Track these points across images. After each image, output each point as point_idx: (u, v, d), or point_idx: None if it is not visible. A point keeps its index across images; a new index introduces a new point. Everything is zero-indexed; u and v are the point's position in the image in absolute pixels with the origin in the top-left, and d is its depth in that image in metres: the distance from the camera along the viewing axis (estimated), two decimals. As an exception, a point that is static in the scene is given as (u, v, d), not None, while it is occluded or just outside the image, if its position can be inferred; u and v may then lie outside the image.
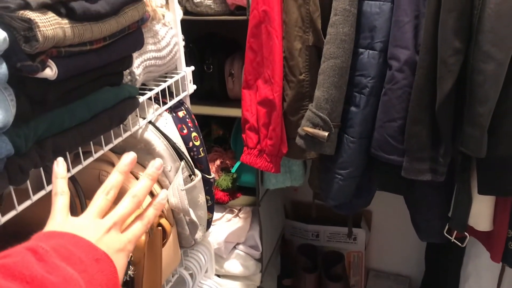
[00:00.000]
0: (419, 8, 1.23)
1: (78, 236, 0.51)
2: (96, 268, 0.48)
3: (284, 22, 1.42)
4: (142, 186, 0.62)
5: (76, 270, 0.45)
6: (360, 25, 1.31)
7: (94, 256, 0.49)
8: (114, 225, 0.57)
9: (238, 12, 1.73)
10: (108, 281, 0.49)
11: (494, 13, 1.11)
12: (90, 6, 0.83)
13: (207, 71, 1.93)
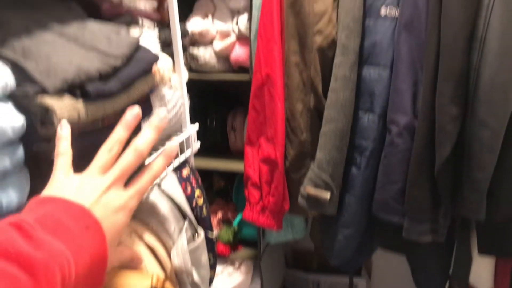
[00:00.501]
0: (417, 76, 1.27)
1: (70, 201, 0.49)
2: (85, 236, 0.46)
3: (286, 85, 1.47)
4: (146, 138, 0.58)
5: (63, 241, 0.43)
6: (360, 90, 1.36)
7: (84, 224, 0.47)
8: (115, 181, 0.54)
9: (241, 71, 1.79)
10: (96, 250, 0.47)
11: (489, 84, 1.16)
12: (104, 86, 0.86)
13: (209, 125, 1.98)
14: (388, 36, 1.30)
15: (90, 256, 0.45)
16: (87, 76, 0.83)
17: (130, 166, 0.56)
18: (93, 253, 0.46)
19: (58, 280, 0.41)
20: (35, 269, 0.39)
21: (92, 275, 0.47)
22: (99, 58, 0.89)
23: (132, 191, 0.55)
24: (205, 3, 1.79)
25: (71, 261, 0.43)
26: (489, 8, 1.13)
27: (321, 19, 1.37)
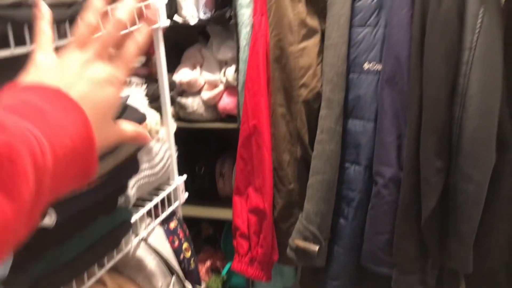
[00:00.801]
0: (400, 129, 1.30)
1: (43, 84, 0.44)
2: (63, 117, 0.41)
3: (273, 135, 1.48)
4: (126, 7, 0.53)
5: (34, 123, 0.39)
6: (345, 142, 1.38)
7: (60, 105, 0.42)
8: (97, 54, 0.50)
9: (229, 119, 1.81)
10: (78, 133, 0.42)
11: (472, 138, 1.18)
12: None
13: (198, 172, 1.98)
14: (371, 90, 1.34)
15: (70, 137, 0.41)
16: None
17: (111, 37, 0.51)
18: (74, 133, 0.42)
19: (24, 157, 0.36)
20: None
21: (78, 158, 0.43)
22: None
23: (118, 63, 0.51)
24: (193, 54, 1.82)
25: (44, 142, 0.39)
26: (468, 65, 1.17)
27: (306, 73, 1.40)
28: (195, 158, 2.00)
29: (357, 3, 1.34)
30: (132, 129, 0.55)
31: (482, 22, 1.15)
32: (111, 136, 0.52)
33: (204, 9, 1.64)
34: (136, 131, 0.56)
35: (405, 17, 1.25)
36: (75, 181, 0.45)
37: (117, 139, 0.53)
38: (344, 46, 1.34)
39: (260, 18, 1.45)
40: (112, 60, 0.51)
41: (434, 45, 1.20)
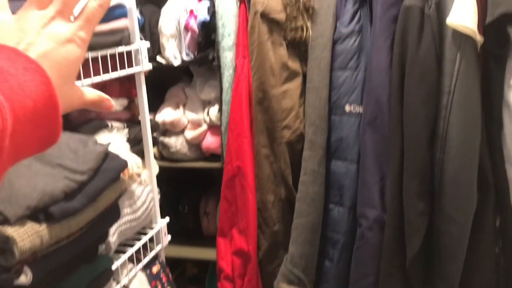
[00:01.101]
0: (383, 171, 1.30)
1: (2, 45, 0.42)
2: (23, 80, 0.40)
3: (257, 176, 1.48)
4: None
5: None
6: (329, 183, 1.38)
7: (20, 65, 0.40)
8: (58, 12, 0.47)
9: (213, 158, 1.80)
10: (40, 94, 0.41)
11: (454, 180, 1.19)
12: (68, 205, 0.85)
13: (182, 211, 1.95)
14: (353, 132, 1.35)
15: (32, 99, 0.40)
16: (51, 198, 0.82)
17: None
18: (35, 94, 0.40)
19: None
20: None
21: (42, 120, 0.41)
22: (65, 176, 0.88)
23: (80, 21, 0.48)
24: (176, 93, 1.82)
25: (4, 104, 0.37)
26: (447, 109, 1.19)
27: (288, 115, 1.41)
28: (178, 197, 1.97)
29: (337, 46, 1.36)
30: (96, 93, 0.53)
31: (460, 67, 1.17)
32: (75, 99, 0.50)
33: (187, 51, 1.65)
34: (99, 95, 0.54)
35: (384, 61, 1.28)
36: (39, 144, 0.43)
37: (79, 103, 0.51)
38: (325, 89, 1.36)
39: (242, 61, 1.47)
40: (74, 19, 0.48)
41: (414, 88, 1.22)
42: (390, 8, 1.28)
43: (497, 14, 1.13)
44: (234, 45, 1.51)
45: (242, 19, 1.50)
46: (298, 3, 1.40)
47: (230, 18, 1.49)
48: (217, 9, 1.53)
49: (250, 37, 1.43)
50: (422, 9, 1.24)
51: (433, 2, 1.24)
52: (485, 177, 1.24)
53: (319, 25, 1.39)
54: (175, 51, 1.68)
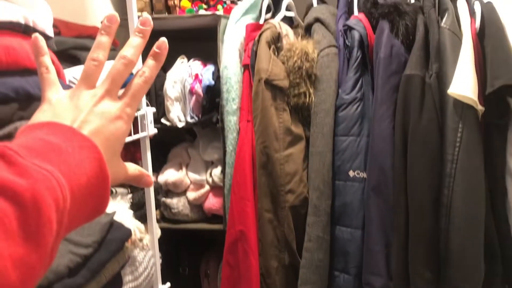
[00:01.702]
0: (388, 238, 1.29)
1: (59, 123, 0.45)
2: (79, 157, 0.42)
3: (260, 241, 1.46)
4: (132, 45, 0.53)
5: (53, 163, 0.40)
6: (333, 250, 1.36)
7: (77, 145, 0.43)
8: (106, 92, 0.50)
9: (215, 219, 1.78)
10: (94, 169, 0.43)
11: (459, 250, 1.18)
12: (72, 281, 0.84)
13: (182, 273, 1.92)
14: (358, 197, 1.34)
15: (86, 175, 0.42)
16: (56, 275, 0.80)
17: (120, 75, 0.51)
18: (89, 172, 0.43)
19: (49, 204, 0.37)
20: (20, 197, 0.36)
21: (93, 194, 0.44)
22: (69, 250, 0.87)
23: (126, 98, 0.51)
24: (179, 154, 1.83)
25: (64, 183, 0.40)
26: (451, 177, 1.20)
27: (292, 179, 1.41)
28: (179, 258, 1.94)
29: (340, 112, 1.38)
30: (137, 169, 0.56)
31: (462, 135, 1.19)
32: (120, 173, 0.52)
33: (191, 113, 1.67)
34: (140, 171, 0.57)
35: (387, 129, 1.29)
36: (88, 216, 0.46)
37: (124, 177, 0.54)
38: (329, 154, 1.37)
39: (246, 125, 1.49)
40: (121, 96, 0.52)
41: (417, 156, 1.23)
42: (391, 77, 1.31)
43: (497, 85, 1.16)
44: (238, 109, 1.53)
45: (246, 85, 1.53)
46: (301, 70, 1.43)
47: (234, 83, 1.53)
48: (221, 74, 1.56)
49: (254, 102, 1.45)
50: (423, 78, 1.27)
51: (433, 71, 1.28)
52: (491, 247, 1.23)
53: (322, 91, 1.41)
54: (179, 114, 1.71)
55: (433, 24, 1.32)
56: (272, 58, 1.46)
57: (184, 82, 1.68)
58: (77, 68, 1.12)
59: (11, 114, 0.82)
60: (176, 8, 1.86)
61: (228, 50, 1.56)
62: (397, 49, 1.33)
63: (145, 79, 0.53)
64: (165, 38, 0.55)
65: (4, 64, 0.81)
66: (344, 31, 1.45)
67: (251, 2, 1.68)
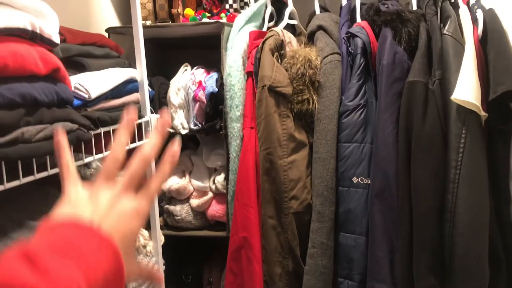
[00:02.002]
0: (392, 244, 1.29)
1: (79, 224, 0.48)
2: (98, 256, 0.45)
3: (264, 248, 1.46)
4: (150, 144, 0.57)
5: (75, 264, 0.43)
6: (338, 256, 1.36)
7: (96, 243, 0.46)
8: (124, 189, 0.53)
9: (218, 225, 1.78)
10: (111, 266, 0.45)
11: (463, 255, 1.18)
12: None
13: (185, 280, 1.91)
14: (361, 204, 1.34)
15: (104, 273, 0.45)
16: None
17: (137, 173, 0.55)
18: (107, 269, 0.45)
19: None
20: None
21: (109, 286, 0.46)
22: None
23: (144, 199, 0.54)
24: (182, 161, 1.84)
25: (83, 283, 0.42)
26: (455, 183, 1.20)
27: (296, 185, 1.41)
28: (181, 265, 1.93)
29: (343, 119, 1.39)
30: (148, 268, 0.59)
31: (466, 141, 1.19)
32: (133, 269, 0.55)
33: (194, 120, 1.68)
34: (151, 270, 0.60)
35: (390, 135, 1.30)
36: None
37: (138, 271, 0.57)
38: (332, 160, 1.37)
39: (249, 131, 1.49)
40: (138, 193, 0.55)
41: (421, 162, 1.23)
42: (394, 83, 1.32)
43: (499, 91, 1.16)
44: (241, 116, 1.53)
45: (249, 92, 1.53)
46: (304, 77, 1.44)
47: (238, 90, 1.53)
48: (225, 82, 1.57)
49: (257, 109, 1.46)
50: (426, 84, 1.28)
51: (436, 78, 1.28)
52: (496, 252, 1.22)
53: (325, 98, 1.42)
54: (183, 121, 1.72)
55: (435, 31, 1.32)
56: (275, 65, 1.47)
57: (188, 90, 1.69)
58: (82, 75, 1.13)
59: (18, 119, 0.82)
60: (180, 16, 1.87)
61: (231, 58, 1.57)
62: (400, 56, 1.34)
63: (160, 180, 0.57)
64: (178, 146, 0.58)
65: (11, 69, 0.82)
66: (347, 38, 1.46)
67: (254, 11, 1.70)
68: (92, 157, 1.09)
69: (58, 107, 0.94)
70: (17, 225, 0.88)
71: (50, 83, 0.92)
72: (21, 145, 0.82)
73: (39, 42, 0.93)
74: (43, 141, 0.88)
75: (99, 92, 1.12)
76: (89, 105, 1.11)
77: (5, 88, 0.80)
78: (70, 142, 0.96)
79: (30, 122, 0.86)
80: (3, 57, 0.80)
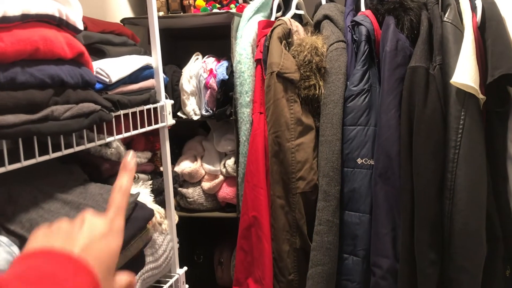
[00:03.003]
0: (395, 221, 1.36)
1: (52, 251, 0.47)
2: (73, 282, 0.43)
3: (273, 226, 1.53)
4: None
5: None
6: (343, 233, 1.43)
7: (71, 269, 0.45)
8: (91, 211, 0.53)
9: (229, 207, 1.86)
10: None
11: (463, 232, 1.24)
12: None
13: (197, 260, 1.99)
14: (365, 183, 1.41)
15: None
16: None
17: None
18: None
19: None
20: None
21: None
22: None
23: (110, 213, 0.54)
24: (194, 146, 1.92)
25: None
26: (454, 162, 1.26)
27: (303, 167, 1.48)
28: (193, 246, 2.02)
29: (348, 103, 1.45)
30: (128, 279, 0.57)
31: (464, 123, 1.26)
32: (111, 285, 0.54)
33: (206, 107, 1.75)
34: (131, 281, 0.58)
35: (393, 117, 1.36)
36: None
37: None
38: (338, 143, 1.44)
39: (259, 116, 1.56)
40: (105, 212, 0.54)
41: (422, 144, 1.29)
42: (397, 68, 1.38)
43: (497, 75, 1.22)
44: (251, 101, 1.61)
45: (258, 79, 1.60)
46: (311, 64, 1.51)
47: (247, 77, 1.60)
48: (235, 69, 1.64)
49: (266, 95, 1.53)
50: (427, 69, 1.34)
51: (436, 63, 1.34)
52: (493, 229, 1.29)
53: (331, 83, 1.49)
54: (195, 107, 1.79)
55: (436, 19, 1.38)
56: (283, 53, 1.53)
57: (199, 77, 1.77)
58: (103, 61, 1.21)
59: (48, 98, 0.90)
60: (191, 7, 1.94)
61: (241, 46, 1.64)
62: (402, 43, 1.40)
63: (124, 192, 0.56)
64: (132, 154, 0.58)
65: (42, 53, 0.89)
66: (352, 27, 1.53)
67: (262, 1, 1.76)
68: (113, 137, 1.17)
69: (82, 89, 1.02)
70: (49, 196, 0.96)
71: (75, 67, 1.00)
72: (51, 122, 0.90)
73: (65, 28, 1.00)
74: (70, 119, 0.96)
75: (119, 77, 1.20)
76: (110, 88, 1.19)
77: (37, 70, 0.88)
78: (94, 122, 1.04)
79: (58, 102, 0.93)
80: (35, 41, 0.88)
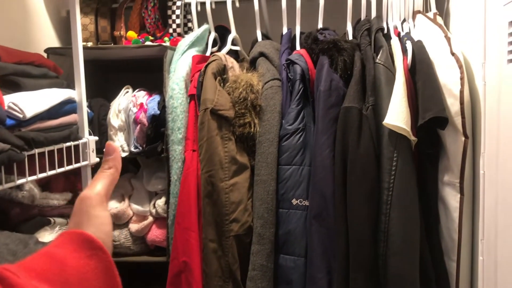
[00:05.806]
0: (330, 264, 1.32)
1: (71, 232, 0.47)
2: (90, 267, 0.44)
3: (204, 272, 1.44)
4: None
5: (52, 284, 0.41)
6: (277, 278, 1.37)
7: (85, 254, 0.45)
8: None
9: (158, 250, 1.75)
10: (105, 275, 0.46)
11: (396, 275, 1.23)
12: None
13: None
14: (300, 226, 1.37)
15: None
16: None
17: None
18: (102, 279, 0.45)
19: None
20: None
21: None
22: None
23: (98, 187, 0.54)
24: (122, 185, 1.80)
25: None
26: (388, 204, 1.25)
27: (237, 208, 1.42)
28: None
29: (283, 142, 1.42)
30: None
31: (397, 164, 1.26)
32: None
33: (135, 143, 1.65)
34: None
35: (327, 157, 1.34)
36: None
37: None
38: (273, 182, 1.40)
39: (191, 154, 1.49)
40: None
41: (356, 185, 1.28)
42: (331, 108, 1.38)
43: (427, 117, 1.24)
44: (183, 138, 1.53)
45: (192, 115, 1.54)
46: (246, 101, 1.47)
47: (180, 113, 1.54)
48: (167, 104, 1.57)
49: (200, 132, 1.47)
50: (360, 110, 1.34)
51: (369, 103, 1.35)
52: (427, 271, 1.28)
53: (266, 121, 1.45)
54: (123, 143, 1.69)
55: (369, 60, 1.40)
56: (218, 89, 1.49)
57: (129, 112, 1.67)
58: (17, 94, 1.10)
59: None
60: (122, 39, 1.87)
61: (174, 80, 1.57)
62: (336, 83, 1.40)
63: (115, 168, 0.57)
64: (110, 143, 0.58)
65: None
66: (287, 65, 1.52)
67: (197, 35, 1.72)
68: (25, 178, 1.05)
69: (-11, 126, 0.91)
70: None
71: (-19, 100, 0.89)
72: None
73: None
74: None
75: (35, 112, 1.09)
76: (24, 125, 1.08)
77: None
78: (1, 163, 0.93)
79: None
80: None
